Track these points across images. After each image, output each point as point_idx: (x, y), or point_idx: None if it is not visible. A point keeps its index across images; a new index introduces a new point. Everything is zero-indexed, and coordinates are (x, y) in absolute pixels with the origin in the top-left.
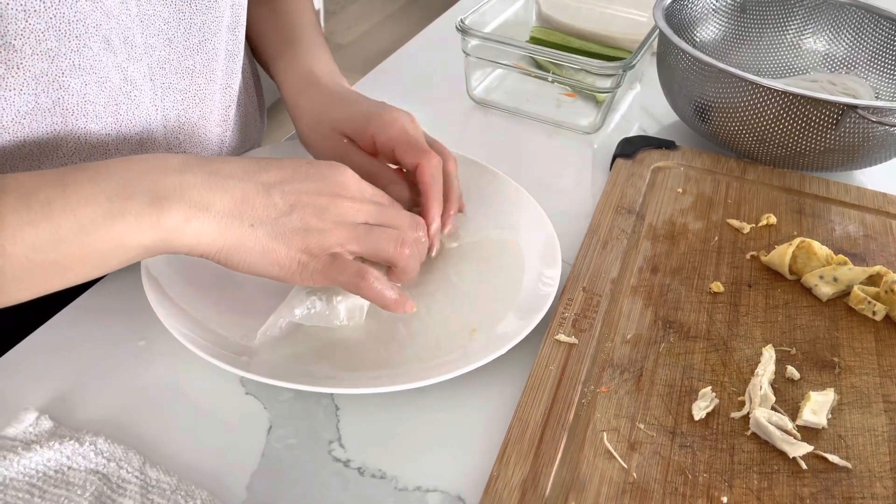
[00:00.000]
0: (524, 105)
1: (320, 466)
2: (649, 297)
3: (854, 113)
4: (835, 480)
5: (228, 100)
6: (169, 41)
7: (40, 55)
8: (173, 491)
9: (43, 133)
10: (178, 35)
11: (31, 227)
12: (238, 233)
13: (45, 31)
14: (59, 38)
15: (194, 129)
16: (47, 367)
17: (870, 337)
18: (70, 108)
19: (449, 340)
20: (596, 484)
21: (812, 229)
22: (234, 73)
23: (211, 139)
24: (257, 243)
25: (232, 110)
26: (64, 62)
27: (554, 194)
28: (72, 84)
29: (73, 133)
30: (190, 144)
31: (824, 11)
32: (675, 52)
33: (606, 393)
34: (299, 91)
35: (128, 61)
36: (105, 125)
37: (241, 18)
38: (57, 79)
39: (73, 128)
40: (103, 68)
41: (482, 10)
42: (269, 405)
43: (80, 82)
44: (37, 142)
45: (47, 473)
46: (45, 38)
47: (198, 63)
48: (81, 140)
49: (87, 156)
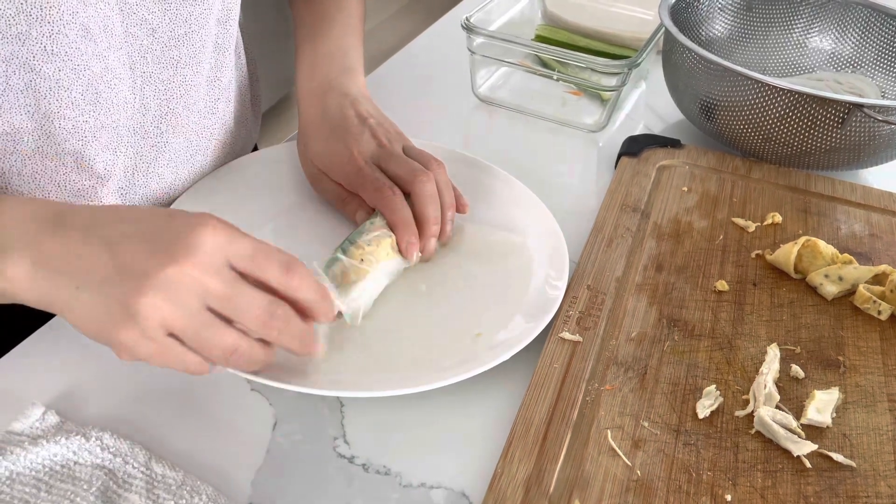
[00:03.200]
0: (529, 103)
1: (325, 462)
2: (654, 296)
3: (860, 112)
4: (839, 479)
5: (217, 93)
6: (153, 31)
7: (9, 39)
8: (179, 486)
9: (16, 112)
10: (162, 25)
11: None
12: (65, 294)
13: (15, 16)
14: (30, 23)
15: (178, 119)
16: (54, 362)
17: (875, 336)
18: (43, 92)
19: (453, 344)
20: (600, 481)
21: (817, 228)
22: (224, 67)
23: (196, 131)
24: (80, 308)
25: (221, 104)
26: (35, 46)
27: (559, 192)
28: (44, 69)
29: (47, 116)
30: (173, 134)
31: (830, 10)
32: (680, 51)
33: (611, 391)
34: (301, 99)
35: (108, 50)
36: (82, 111)
37: (232, 12)
38: (27, 62)
39: (46, 111)
40: (81, 56)
41: (488, 7)
42: (274, 401)
43: (54, 68)
44: (10, 121)
45: (53, 468)
46: (15, 23)
47: (183, 54)
48: (56, 124)
49: (64, 137)
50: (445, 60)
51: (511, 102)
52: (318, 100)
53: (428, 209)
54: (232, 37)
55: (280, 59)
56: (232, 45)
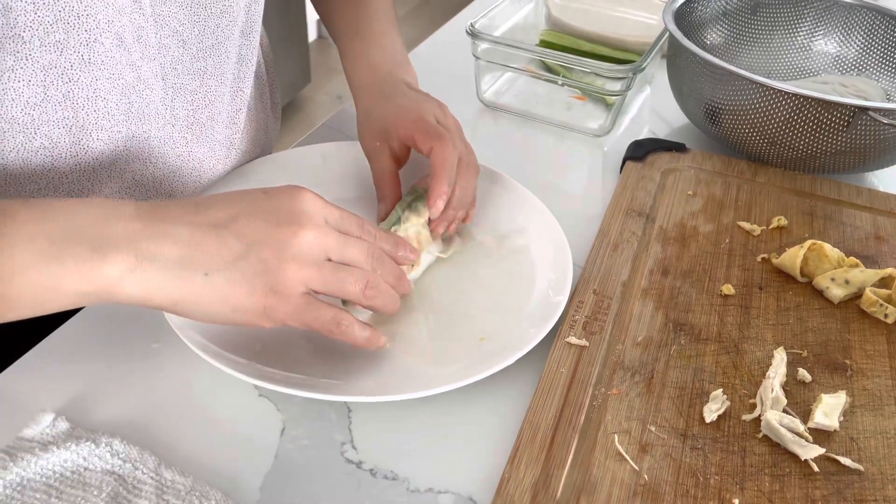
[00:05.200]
0: (534, 108)
1: (333, 467)
2: (660, 300)
3: (865, 115)
4: (847, 483)
5: (239, 103)
6: (183, 42)
7: (49, 47)
8: (188, 492)
9: (54, 126)
10: (192, 37)
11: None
12: (192, 284)
13: (53, 24)
14: (68, 31)
15: (203, 129)
16: (64, 369)
17: (882, 339)
18: (80, 103)
19: (459, 348)
20: (607, 486)
21: (823, 231)
22: (246, 78)
23: (219, 140)
24: (215, 292)
25: (242, 114)
26: (73, 55)
27: (564, 197)
28: (81, 78)
29: (84, 128)
30: (198, 144)
31: (835, 13)
32: (685, 55)
33: (617, 395)
34: (358, 88)
35: (141, 60)
36: (116, 122)
37: (255, 25)
38: (66, 71)
39: (83, 122)
40: (115, 65)
41: (492, 13)
42: (282, 407)
43: (90, 77)
44: (48, 135)
45: (64, 474)
46: (53, 31)
47: (209, 65)
48: (93, 136)
49: (99, 151)
50: (450, 66)
51: (516, 107)
52: (377, 85)
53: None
54: (254, 48)
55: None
56: (254, 57)
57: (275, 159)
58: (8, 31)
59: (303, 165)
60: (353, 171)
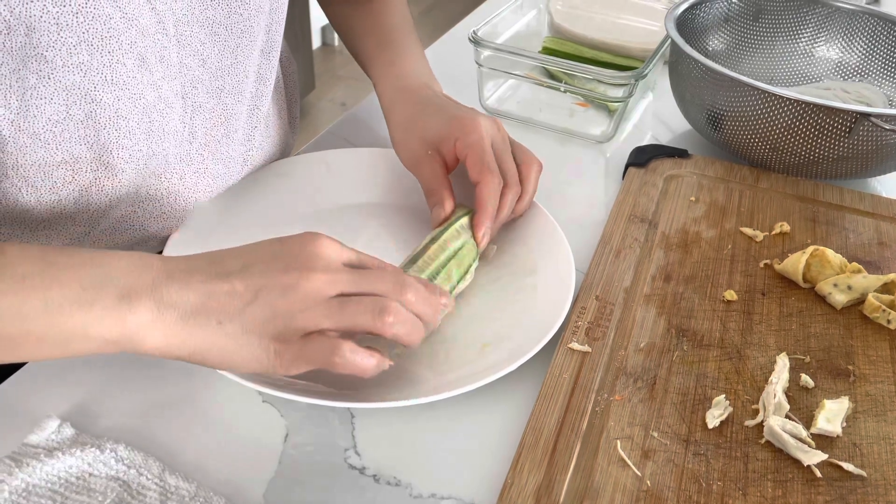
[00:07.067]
0: (537, 115)
1: (336, 473)
2: (662, 306)
3: (867, 121)
4: (850, 489)
5: (255, 121)
6: (203, 62)
7: (72, 68)
8: (192, 497)
9: (75, 143)
10: (212, 56)
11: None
12: (206, 332)
13: (76, 45)
14: (91, 53)
15: (218, 146)
16: (69, 375)
17: (884, 345)
18: (102, 123)
19: (461, 355)
20: (610, 492)
21: (826, 237)
22: (263, 96)
23: (234, 156)
24: (228, 340)
25: (258, 131)
26: (96, 76)
27: (567, 203)
28: (104, 98)
29: (105, 147)
30: (213, 161)
31: (837, 19)
32: (687, 61)
33: (620, 401)
34: (392, 98)
35: (163, 80)
36: (137, 140)
37: (275, 45)
38: (89, 92)
39: (105, 141)
40: (137, 85)
41: (494, 21)
42: (285, 413)
43: (113, 97)
44: (70, 150)
45: (69, 480)
46: (76, 52)
47: (227, 84)
48: (114, 154)
49: (121, 167)
50: (453, 73)
51: (519, 114)
52: (406, 93)
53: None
54: (273, 67)
55: None
56: (273, 76)
57: (279, 167)
58: (31, 50)
59: (307, 173)
60: (358, 178)
